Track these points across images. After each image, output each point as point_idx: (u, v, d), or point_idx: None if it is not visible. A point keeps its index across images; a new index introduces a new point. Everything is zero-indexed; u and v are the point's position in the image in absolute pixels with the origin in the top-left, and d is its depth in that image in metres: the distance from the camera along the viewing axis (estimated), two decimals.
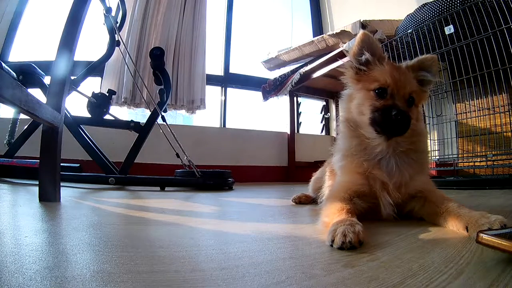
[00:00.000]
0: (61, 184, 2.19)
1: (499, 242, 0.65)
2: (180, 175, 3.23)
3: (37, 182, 1.89)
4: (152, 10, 4.43)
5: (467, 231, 0.92)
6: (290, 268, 0.70)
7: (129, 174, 3.06)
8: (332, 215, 1.01)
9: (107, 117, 3.22)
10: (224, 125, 5.15)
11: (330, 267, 0.68)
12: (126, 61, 3.77)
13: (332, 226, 0.87)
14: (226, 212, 1.78)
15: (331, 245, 0.81)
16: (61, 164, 2.50)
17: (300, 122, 5.79)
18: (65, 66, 1.86)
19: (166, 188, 2.93)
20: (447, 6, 2.93)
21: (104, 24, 3.10)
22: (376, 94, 1.19)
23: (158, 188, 2.92)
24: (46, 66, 2.49)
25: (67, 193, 2.24)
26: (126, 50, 3.57)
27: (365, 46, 1.24)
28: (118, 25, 3.22)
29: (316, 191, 1.85)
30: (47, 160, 1.78)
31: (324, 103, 6.05)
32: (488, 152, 3.10)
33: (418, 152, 1.26)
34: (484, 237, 0.68)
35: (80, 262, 0.70)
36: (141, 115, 4.48)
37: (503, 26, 2.50)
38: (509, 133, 2.99)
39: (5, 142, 3.13)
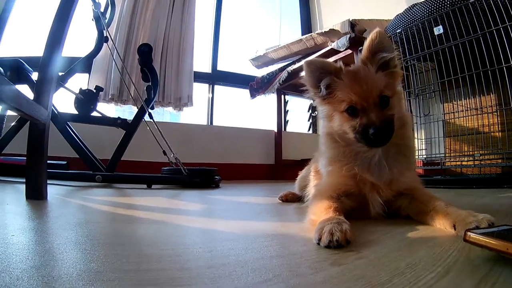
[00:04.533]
0: (48, 181, 2.18)
1: (486, 240, 0.65)
2: (166, 172, 3.22)
3: (24, 180, 1.89)
4: (141, 6, 4.43)
5: (455, 229, 0.93)
6: (276, 267, 0.70)
7: (116, 172, 3.05)
8: (319, 213, 1.01)
9: (94, 114, 3.21)
10: (211, 123, 5.18)
11: (317, 265, 0.68)
12: (114, 57, 3.78)
13: (319, 224, 0.87)
14: (213, 210, 1.79)
15: (318, 243, 0.81)
16: (48, 161, 2.50)
17: (288, 120, 5.84)
18: (53, 62, 1.84)
19: (153, 186, 2.93)
20: (437, 6, 2.96)
21: (93, 19, 3.10)
22: (349, 114, 1.18)
23: (145, 186, 2.91)
24: (35, 62, 2.47)
25: (54, 191, 2.23)
26: (114, 46, 3.56)
27: (316, 72, 1.23)
28: (106, 21, 3.21)
29: (302, 190, 1.85)
30: (34, 158, 1.77)
31: (312, 101, 6.01)
32: (476, 152, 3.13)
33: (406, 147, 1.27)
34: (472, 235, 0.68)
35: (67, 261, 0.70)
36: (128, 112, 4.47)
37: (493, 28, 2.54)
38: (497, 133, 3.04)
39: None
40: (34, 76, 2.82)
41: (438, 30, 2.91)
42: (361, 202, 1.21)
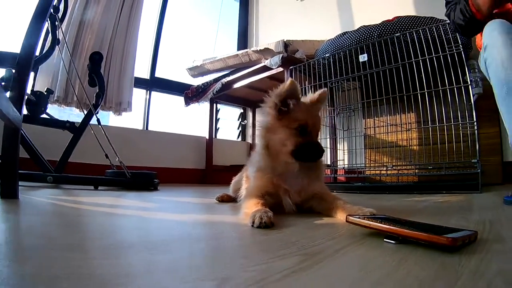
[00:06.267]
0: None
1: (358, 220, 1.00)
2: (111, 175, 3.33)
3: None
4: (91, 11, 4.45)
5: (346, 220, 1.26)
6: (226, 236, 1.08)
7: (63, 173, 3.11)
8: (251, 207, 1.34)
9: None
10: (147, 128, 5.24)
11: (253, 235, 1.03)
12: (64, 60, 3.83)
13: (252, 213, 1.19)
14: (163, 207, 2.02)
15: (252, 225, 1.13)
16: None
17: (218, 128, 6.03)
18: (28, 66, 1.90)
19: (99, 187, 3.02)
20: (365, 36, 3.32)
21: (47, 20, 3.07)
22: (297, 132, 1.52)
23: (92, 187, 2.99)
24: None
25: None
26: (68, 49, 3.68)
27: (291, 92, 1.54)
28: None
29: (235, 192, 2.17)
30: (9, 159, 1.82)
31: (242, 110, 6.39)
32: (389, 163, 3.51)
33: (317, 167, 1.66)
34: (350, 218, 1.04)
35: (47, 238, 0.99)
36: (68, 113, 4.38)
37: (413, 59, 2.94)
38: (415, 147, 3.42)
39: None
40: None
41: (363, 57, 3.25)
42: (279, 200, 1.55)
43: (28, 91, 3.00)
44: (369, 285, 0.56)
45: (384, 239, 0.89)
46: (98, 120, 3.28)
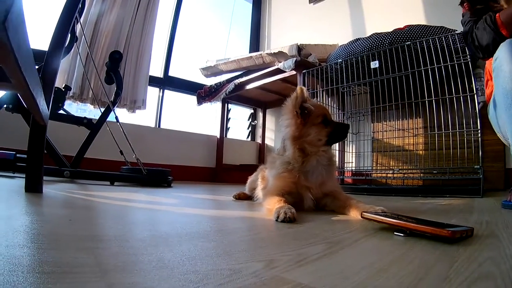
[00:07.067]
0: (17, 175, 2.41)
1: (372, 216, 1.14)
2: (126, 171, 3.40)
3: (11, 174, 2.10)
4: (107, 9, 4.53)
5: (361, 216, 1.38)
6: (256, 228, 1.20)
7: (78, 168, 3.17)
8: (274, 204, 1.46)
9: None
10: (159, 125, 5.39)
11: (279, 228, 1.16)
12: (81, 57, 3.92)
13: (276, 209, 1.33)
14: (188, 203, 2.08)
15: (277, 220, 1.26)
16: (17, 155, 2.66)
17: (229, 128, 6.13)
18: (56, 66, 1.95)
19: (114, 183, 3.08)
20: (377, 44, 3.42)
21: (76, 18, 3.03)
22: (323, 124, 1.73)
23: (108, 183, 3.06)
24: None
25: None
26: (87, 45, 3.78)
27: (304, 97, 1.73)
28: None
29: (251, 191, 2.33)
30: (35, 155, 1.86)
31: (252, 111, 6.47)
32: (396, 166, 3.62)
33: (330, 162, 1.81)
34: (364, 214, 1.18)
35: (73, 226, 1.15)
36: (80, 109, 4.56)
37: (422, 68, 3.02)
38: (421, 151, 3.50)
39: None
40: None
41: (374, 64, 3.33)
42: (298, 198, 1.70)
43: None
44: (385, 263, 0.70)
45: (394, 233, 1.03)
46: (116, 117, 3.39)
